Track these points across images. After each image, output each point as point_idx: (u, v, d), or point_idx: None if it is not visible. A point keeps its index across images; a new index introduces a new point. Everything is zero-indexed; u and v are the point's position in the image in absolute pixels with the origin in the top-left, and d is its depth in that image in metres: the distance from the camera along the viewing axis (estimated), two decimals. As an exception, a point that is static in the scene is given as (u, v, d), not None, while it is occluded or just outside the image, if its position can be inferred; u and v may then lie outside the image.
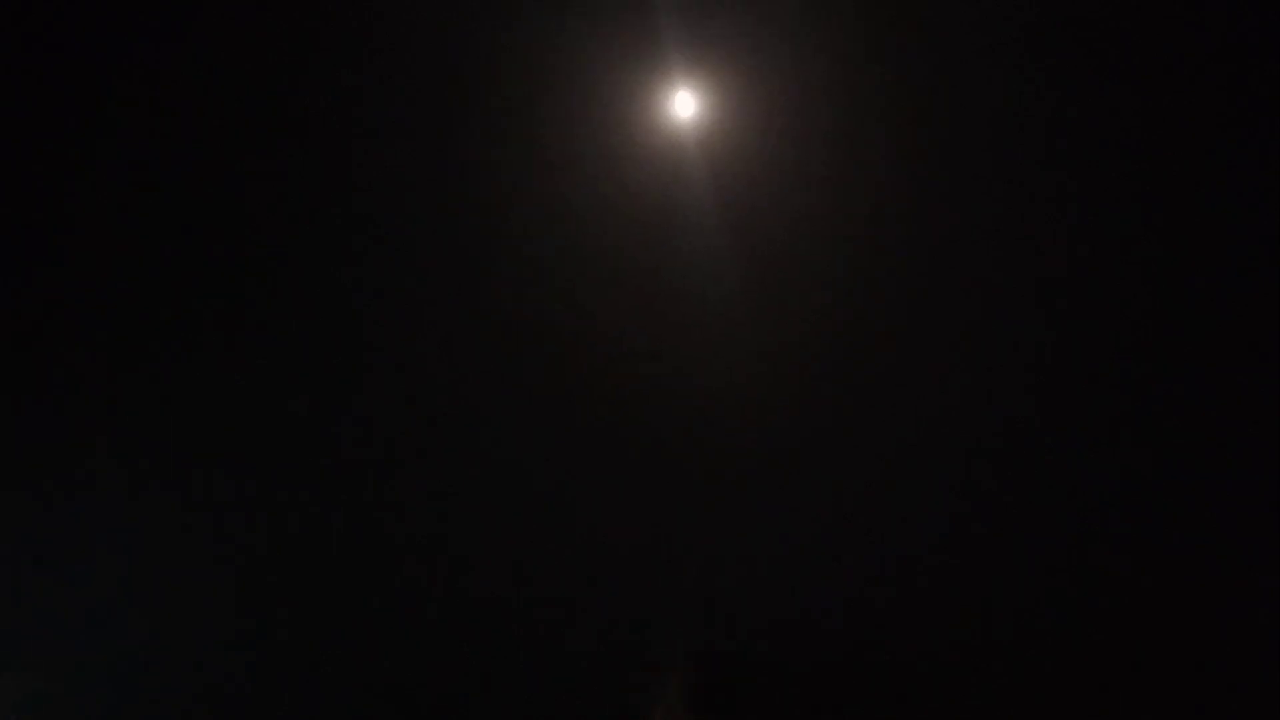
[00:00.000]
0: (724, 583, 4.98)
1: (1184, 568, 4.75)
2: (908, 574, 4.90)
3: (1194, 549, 4.75)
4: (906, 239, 5.01)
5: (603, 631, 5.00)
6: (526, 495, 5.13)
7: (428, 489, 5.20)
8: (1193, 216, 4.89)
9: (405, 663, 5.10)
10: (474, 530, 5.14)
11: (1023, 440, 4.92)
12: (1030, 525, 4.87)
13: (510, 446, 5.18)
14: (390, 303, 5.30)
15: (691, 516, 5.04)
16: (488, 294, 5.22)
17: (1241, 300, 4.81)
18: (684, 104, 5.07)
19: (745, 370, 5.06)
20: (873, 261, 5.02)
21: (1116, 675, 4.73)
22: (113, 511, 5.30)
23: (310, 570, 5.21)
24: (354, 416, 5.27)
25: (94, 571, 5.27)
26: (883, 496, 4.97)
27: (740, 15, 4.99)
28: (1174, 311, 4.87)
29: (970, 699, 4.76)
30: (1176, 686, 4.66)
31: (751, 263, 5.05)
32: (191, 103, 5.37)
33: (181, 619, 5.22)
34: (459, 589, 5.11)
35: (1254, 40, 4.81)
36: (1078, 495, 4.86)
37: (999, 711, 4.73)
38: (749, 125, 5.04)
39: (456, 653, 5.05)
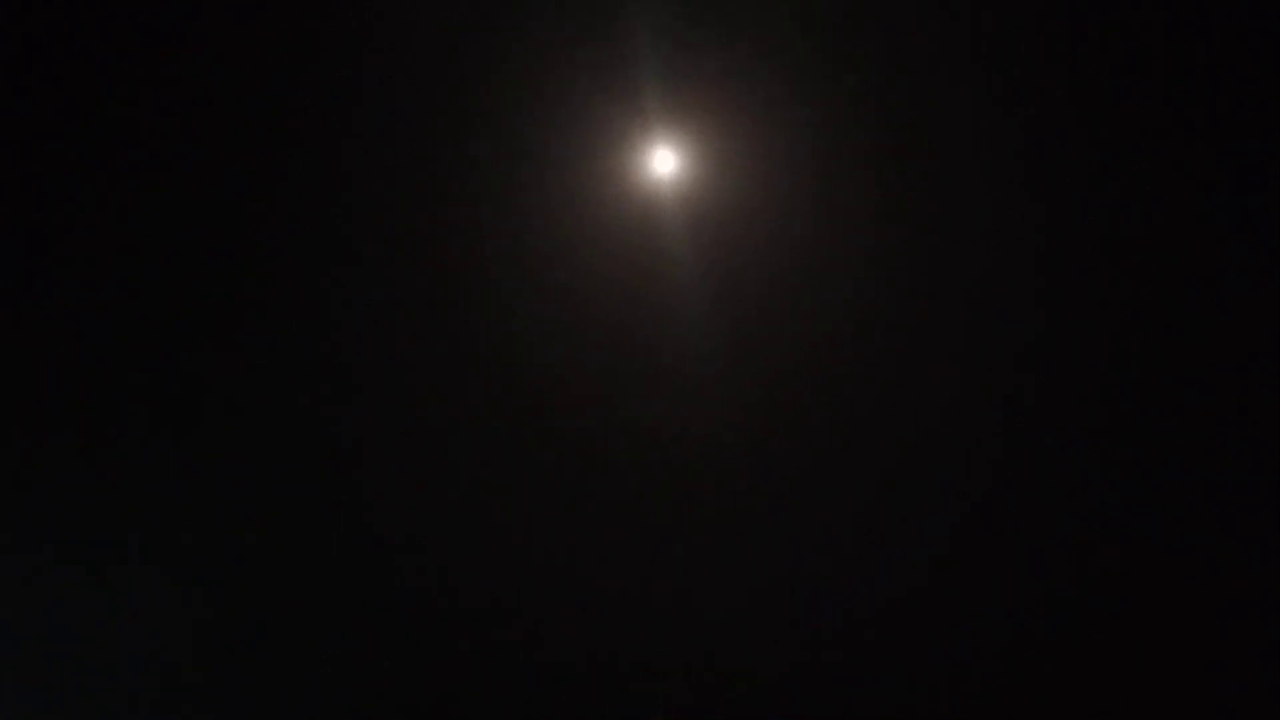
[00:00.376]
0: (701, 632, 5.08)
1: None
2: (883, 627, 5.03)
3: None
4: (888, 297, 5.03)
5: (581, 683, 5.09)
6: (502, 543, 5.19)
7: (405, 540, 5.25)
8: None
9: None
10: (448, 577, 5.22)
11: (1006, 494, 5.03)
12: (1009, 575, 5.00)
13: (484, 500, 5.22)
14: (366, 372, 5.29)
15: (665, 567, 5.12)
16: (463, 350, 5.21)
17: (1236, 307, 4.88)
18: (663, 161, 5.05)
19: (723, 428, 5.11)
20: (853, 320, 5.04)
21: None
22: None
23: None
24: (330, 484, 5.30)
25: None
26: (860, 550, 5.07)
27: (721, 72, 4.96)
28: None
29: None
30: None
31: (730, 320, 5.07)
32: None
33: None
34: (431, 641, 5.18)
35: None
36: (1056, 566, 4.99)
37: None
38: (729, 182, 5.04)
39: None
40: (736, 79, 4.97)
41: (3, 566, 5.27)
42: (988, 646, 4.96)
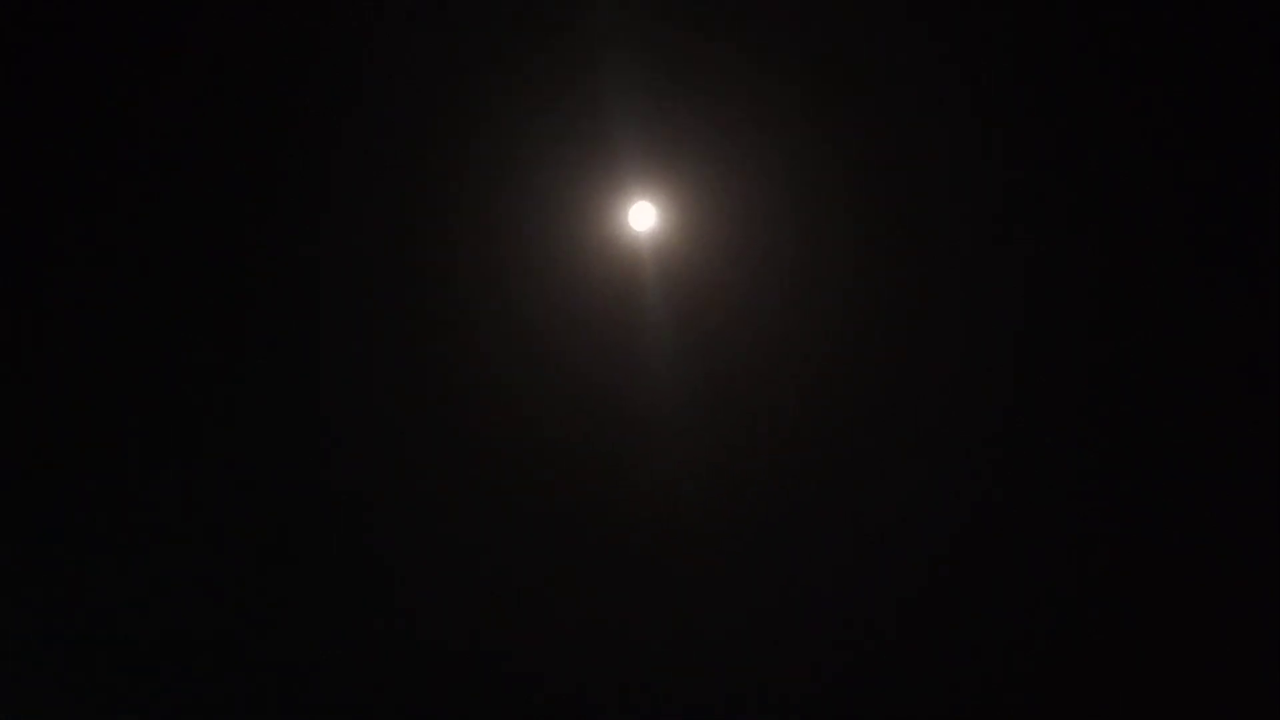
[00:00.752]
0: (671, 672, 5.19)
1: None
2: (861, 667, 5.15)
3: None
4: (868, 353, 5.04)
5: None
6: (475, 594, 5.27)
7: (388, 589, 5.32)
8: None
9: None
10: (429, 614, 5.29)
11: (978, 541, 5.09)
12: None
13: (458, 550, 5.28)
14: (342, 424, 5.29)
15: (635, 631, 5.20)
16: (441, 404, 5.24)
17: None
18: (641, 215, 5.04)
19: (697, 485, 5.14)
20: (832, 376, 5.06)
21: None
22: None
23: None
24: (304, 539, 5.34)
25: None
26: (838, 592, 5.15)
27: (699, 126, 4.94)
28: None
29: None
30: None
31: (706, 376, 5.07)
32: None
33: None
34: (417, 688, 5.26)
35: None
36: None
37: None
38: (707, 237, 5.03)
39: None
40: (715, 133, 4.95)
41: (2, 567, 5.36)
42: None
